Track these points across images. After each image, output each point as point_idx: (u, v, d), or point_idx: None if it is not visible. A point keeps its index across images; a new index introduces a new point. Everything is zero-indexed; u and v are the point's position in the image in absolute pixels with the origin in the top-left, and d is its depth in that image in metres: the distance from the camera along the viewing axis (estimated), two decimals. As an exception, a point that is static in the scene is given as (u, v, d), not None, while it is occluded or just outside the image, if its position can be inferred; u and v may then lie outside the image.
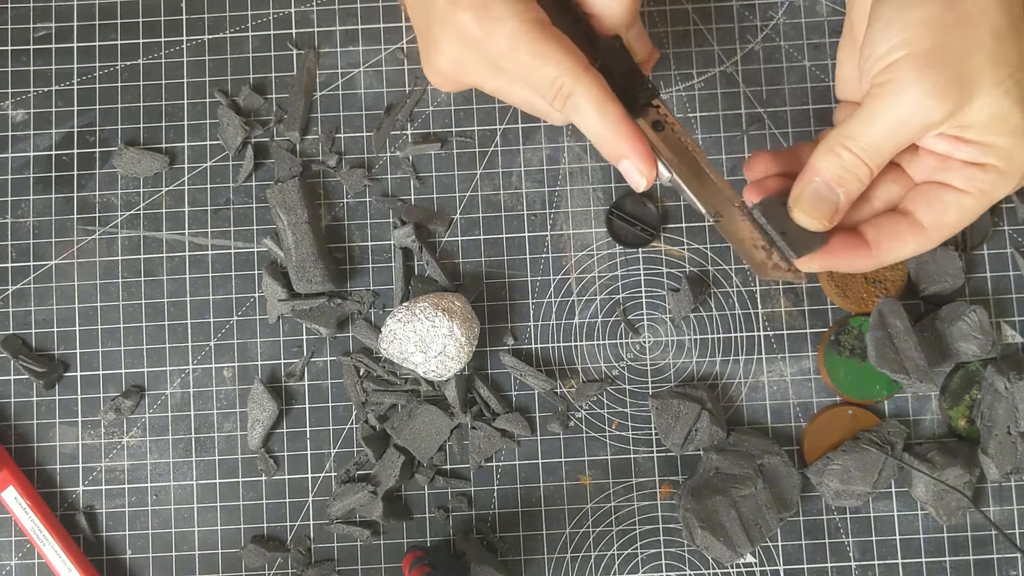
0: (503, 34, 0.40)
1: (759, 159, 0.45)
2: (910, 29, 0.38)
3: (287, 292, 0.55)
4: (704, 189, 0.43)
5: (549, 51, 0.40)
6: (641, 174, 0.42)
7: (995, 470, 0.53)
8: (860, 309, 0.55)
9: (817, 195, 0.42)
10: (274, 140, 0.57)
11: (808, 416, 0.56)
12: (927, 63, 0.38)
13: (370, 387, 0.55)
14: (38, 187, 0.57)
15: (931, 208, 0.42)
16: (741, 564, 0.55)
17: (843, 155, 0.41)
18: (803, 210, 0.42)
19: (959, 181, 0.41)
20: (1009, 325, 0.56)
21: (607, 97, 0.41)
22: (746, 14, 0.58)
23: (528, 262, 0.57)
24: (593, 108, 0.41)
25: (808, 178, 0.42)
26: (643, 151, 0.41)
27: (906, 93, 0.38)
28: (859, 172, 0.41)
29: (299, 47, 0.58)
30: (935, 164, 0.42)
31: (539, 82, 0.41)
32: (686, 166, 0.43)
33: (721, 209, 0.43)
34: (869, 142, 0.40)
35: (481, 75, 0.43)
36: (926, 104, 0.38)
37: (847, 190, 0.41)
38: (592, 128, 0.41)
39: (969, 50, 0.38)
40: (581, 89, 0.40)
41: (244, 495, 0.55)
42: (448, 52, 0.43)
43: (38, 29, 0.58)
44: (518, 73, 0.41)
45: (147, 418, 0.56)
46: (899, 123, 0.39)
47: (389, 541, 0.55)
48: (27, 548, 0.55)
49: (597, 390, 0.56)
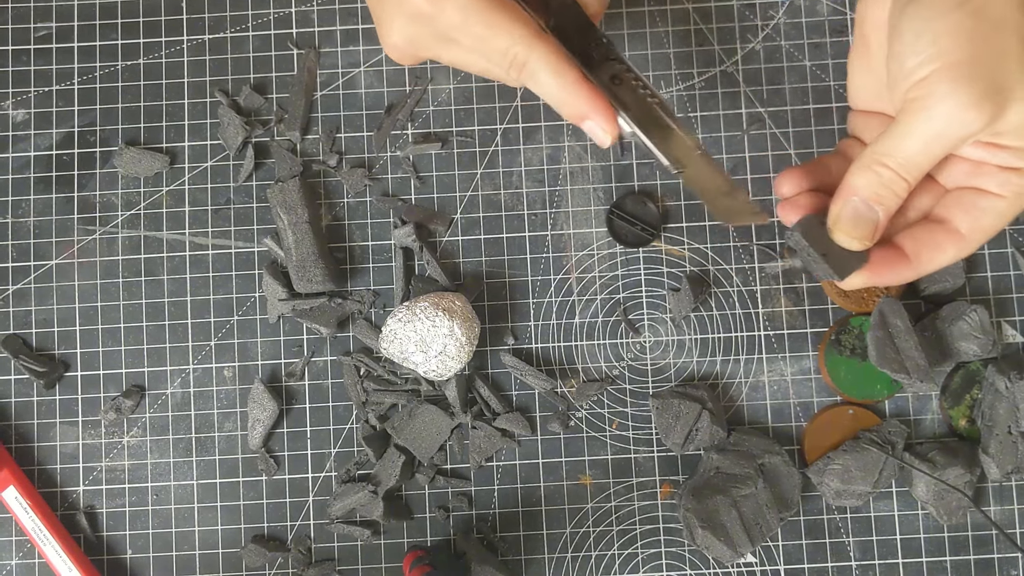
0: (453, 7, 0.40)
1: (787, 177, 0.45)
2: (940, 41, 0.38)
3: (287, 292, 0.55)
4: (665, 141, 0.43)
5: (500, 21, 0.40)
6: (605, 132, 0.42)
7: (996, 470, 0.53)
8: (861, 309, 0.55)
9: (857, 214, 0.41)
10: (275, 140, 0.57)
11: (809, 416, 0.56)
12: (961, 75, 0.37)
13: (370, 387, 0.55)
14: (39, 187, 0.57)
15: (967, 214, 0.42)
16: (742, 564, 0.55)
17: (881, 172, 0.40)
18: (843, 230, 0.41)
19: (994, 186, 0.41)
20: (1010, 325, 0.56)
21: (562, 61, 0.41)
22: (747, 13, 0.58)
23: (528, 262, 0.57)
24: (549, 73, 0.41)
25: (845, 197, 0.41)
26: (603, 109, 0.42)
27: (942, 106, 0.38)
28: (897, 188, 0.40)
29: (300, 47, 0.58)
30: (968, 170, 0.42)
31: (492, 53, 0.41)
32: (646, 118, 0.43)
33: (684, 159, 0.43)
34: (906, 157, 0.39)
35: (436, 49, 0.43)
36: (964, 116, 0.38)
37: (886, 207, 0.41)
38: (550, 93, 0.42)
39: (1000, 58, 0.37)
40: (535, 56, 0.41)
41: (245, 495, 0.55)
42: (401, 29, 0.43)
43: (39, 29, 0.58)
44: (471, 45, 0.42)
45: (147, 418, 0.56)
46: (936, 137, 0.38)
47: (389, 541, 0.55)
48: (28, 548, 0.55)
49: (597, 390, 0.56)
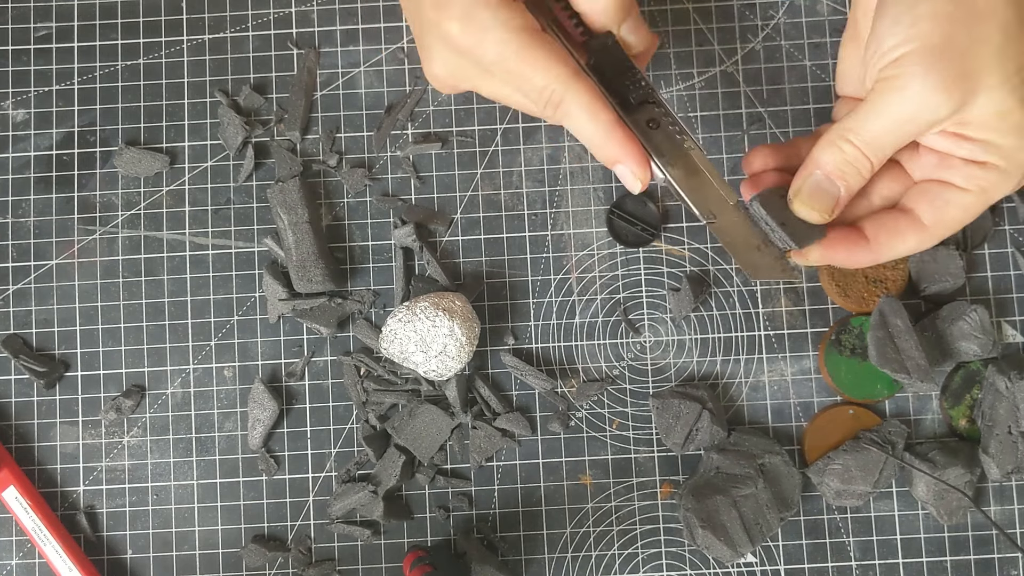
0: (490, 43, 0.40)
1: (757, 153, 0.45)
2: (919, 24, 0.38)
3: (288, 292, 0.55)
4: (698, 189, 0.43)
5: (537, 59, 0.40)
6: (636, 177, 0.42)
7: (996, 470, 0.53)
8: (861, 309, 0.55)
9: (818, 187, 0.41)
10: (275, 140, 0.57)
11: (809, 416, 0.56)
12: (935, 57, 0.37)
13: (371, 387, 0.55)
14: (39, 187, 0.57)
15: (932, 206, 0.42)
16: (742, 564, 0.55)
17: (845, 148, 0.40)
18: (803, 202, 0.42)
19: (959, 179, 0.41)
20: (1010, 324, 0.56)
21: (598, 103, 0.41)
22: (747, 13, 0.58)
23: (529, 262, 0.57)
24: (584, 114, 0.41)
25: (809, 170, 0.42)
26: (636, 154, 0.41)
27: (912, 88, 0.38)
28: (860, 166, 0.41)
29: (300, 47, 0.58)
30: (935, 162, 0.42)
31: (528, 90, 0.41)
32: (680, 166, 0.43)
33: (716, 209, 0.43)
34: (872, 136, 0.40)
35: (475, 81, 0.43)
36: (932, 99, 0.38)
37: (848, 184, 0.41)
38: (584, 134, 0.42)
39: (977, 45, 0.38)
40: (571, 96, 0.40)
41: (245, 495, 0.55)
42: (441, 59, 0.43)
43: (39, 29, 0.58)
44: (508, 80, 0.41)
45: (148, 418, 0.56)
46: (904, 118, 0.39)
47: (390, 541, 0.55)
48: (28, 548, 0.55)
49: (598, 390, 0.56)
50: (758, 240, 0.43)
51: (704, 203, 0.43)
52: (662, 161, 0.43)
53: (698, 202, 0.43)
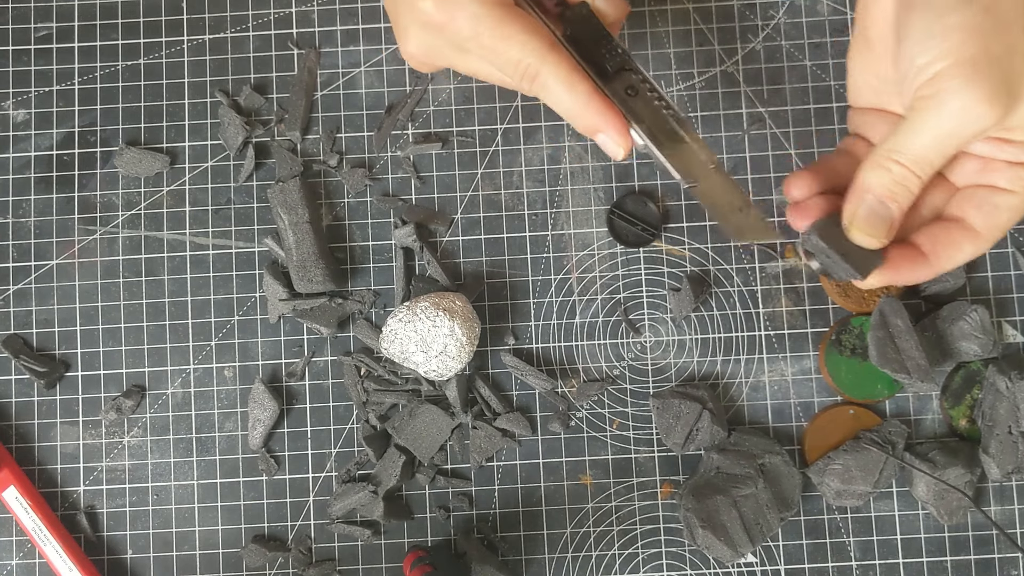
0: (464, 18, 0.40)
1: (798, 179, 0.44)
2: (951, 37, 0.37)
3: (288, 292, 0.55)
4: (679, 154, 0.43)
5: (512, 32, 0.40)
6: (617, 144, 0.42)
7: (996, 470, 0.53)
8: (861, 309, 0.55)
9: (872, 212, 0.41)
10: (275, 140, 0.57)
11: (809, 416, 0.56)
12: (973, 70, 0.37)
13: (371, 387, 0.55)
14: (39, 187, 0.57)
15: (981, 211, 0.42)
16: (742, 564, 0.55)
17: (893, 168, 0.40)
18: (860, 228, 0.41)
19: (1004, 181, 0.41)
20: (1010, 324, 0.56)
21: (574, 73, 0.41)
22: (747, 13, 0.58)
23: (529, 262, 0.57)
24: (561, 86, 0.41)
25: (860, 196, 0.41)
26: (616, 122, 0.41)
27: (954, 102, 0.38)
28: (910, 184, 0.40)
29: (300, 47, 0.58)
30: (978, 167, 0.42)
31: (504, 64, 0.41)
32: (660, 132, 0.43)
33: (696, 173, 0.43)
34: (918, 154, 0.39)
35: (451, 58, 0.43)
36: (977, 111, 0.37)
37: (899, 204, 0.41)
38: (563, 105, 0.42)
39: (1010, 54, 0.37)
40: (547, 68, 0.41)
41: (245, 495, 0.55)
42: (416, 38, 0.43)
43: (39, 29, 0.58)
44: (484, 55, 0.41)
45: (148, 418, 0.56)
46: (949, 133, 0.38)
47: (390, 541, 0.55)
48: (28, 548, 0.55)
49: (598, 390, 0.56)
50: (740, 202, 0.43)
51: (685, 167, 0.43)
52: (642, 128, 0.43)
53: (679, 167, 0.43)
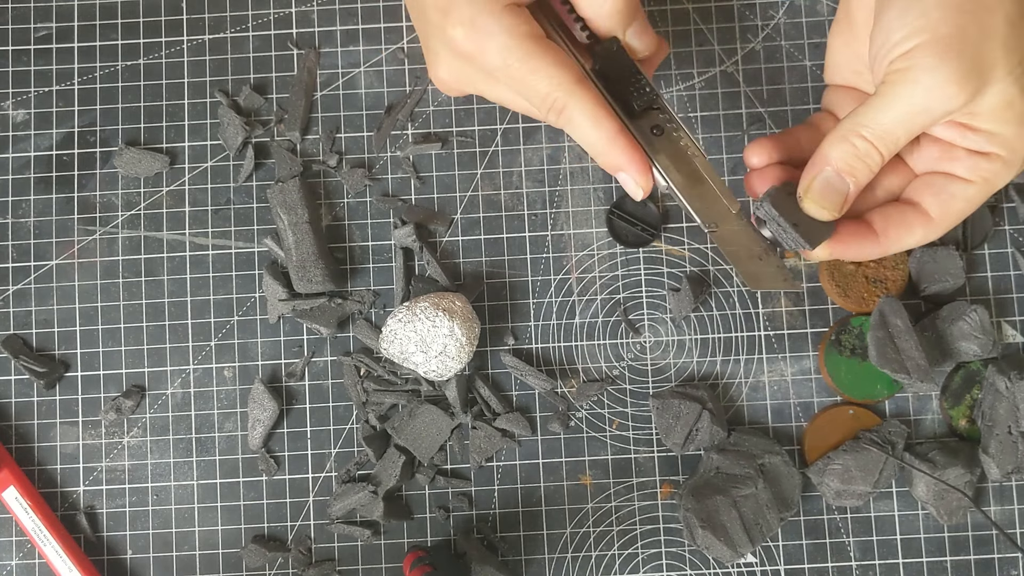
0: (494, 49, 0.40)
1: (759, 146, 0.45)
2: (928, 14, 0.38)
3: (288, 292, 0.55)
4: (701, 197, 0.43)
5: (541, 66, 0.40)
6: (638, 185, 0.42)
7: (996, 470, 0.53)
8: (861, 309, 0.55)
9: (828, 185, 0.41)
10: (275, 140, 0.57)
11: (809, 416, 0.56)
12: (947, 48, 0.37)
13: (371, 387, 0.55)
14: (39, 187, 0.57)
15: (937, 198, 0.42)
16: (742, 564, 0.55)
17: (857, 143, 0.40)
18: (814, 200, 0.42)
19: (963, 170, 0.41)
20: (1010, 324, 0.56)
21: (601, 110, 0.41)
22: (747, 13, 0.58)
23: (529, 262, 0.57)
24: (588, 122, 0.41)
25: (819, 167, 0.41)
26: (639, 162, 0.41)
27: (925, 79, 0.38)
28: (871, 160, 0.40)
29: (300, 47, 0.58)
30: (938, 154, 0.42)
31: (532, 96, 0.41)
32: (684, 173, 0.43)
33: (717, 218, 0.43)
34: (884, 129, 0.39)
35: (480, 86, 0.43)
36: (946, 91, 0.38)
37: (857, 180, 0.41)
38: (587, 141, 0.42)
39: (985, 37, 0.38)
40: (574, 103, 0.40)
41: (245, 495, 0.55)
42: (446, 64, 0.43)
43: (39, 29, 0.58)
44: (512, 86, 0.41)
45: (148, 418, 0.56)
46: (916, 110, 0.39)
47: (390, 541, 0.55)
48: (28, 548, 0.55)
49: (598, 390, 0.56)
50: (760, 249, 0.43)
51: (706, 212, 0.43)
52: (664, 169, 0.43)
53: (700, 211, 0.43)
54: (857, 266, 0.55)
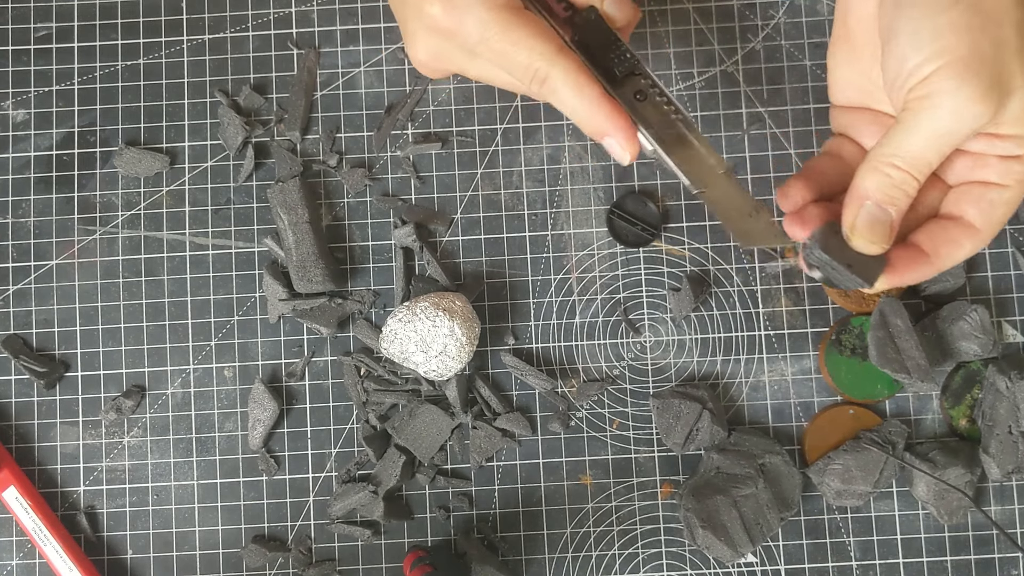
0: (472, 23, 0.40)
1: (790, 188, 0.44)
2: (942, 38, 0.38)
3: (288, 292, 0.55)
4: (688, 160, 0.43)
5: (521, 37, 0.40)
6: (624, 149, 0.42)
7: (996, 469, 0.52)
8: (861, 308, 0.55)
9: (872, 219, 0.41)
10: (275, 140, 0.57)
11: (809, 416, 0.56)
12: (966, 70, 0.37)
13: (371, 387, 0.55)
14: (39, 187, 0.57)
15: (977, 207, 0.42)
16: (742, 564, 0.55)
17: (891, 173, 0.40)
18: (862, 236, 0.41)
19: (996, 176, 0.41)
20: (1010, 324, 0.56)
21: (583, 77, 0.41)
22: (747, 13, 0.58)
23: (529, 262, 0.57)
24: (570, 90, 0.41)
25: (858, 202, 0.41)
26: (624, 127, 0.41)
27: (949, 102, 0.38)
28: (908, 187, 0.40)
29: (300, 47, 0.58)
30: (970, 164, 0.42)
31: (514, 68, 0.41)
32: (668, 137, 0.43)
33: (705, 178, 0.42)
34: (915, 156, 0.39)
35: (460, 63, 0.43)
36: (972, 110, 0.38)
37: (898, 207, 0.41)
38: (571, 109, 0.42)
39: (999, 50, 0.38)
40: (556, 72, 0.40)
41: (245, 495, 0.55)
42: (424, 43, 0.43)
43: (39, 29, 0.58)
44: (493, 60, 0.41)
45: (148, 418, 0.56)
46: (943, 133, 0.39)
47: (390, 541, 0.55)
48: (28, 548, 0.55)
49: (598, 390, 0.56)
50: (750, 207, 0.43)
51: (694, 173, 0.42)
52: (650, 132, 0.42)
53: (689, 172, 0.42)
54: (857, 266, 0.55)
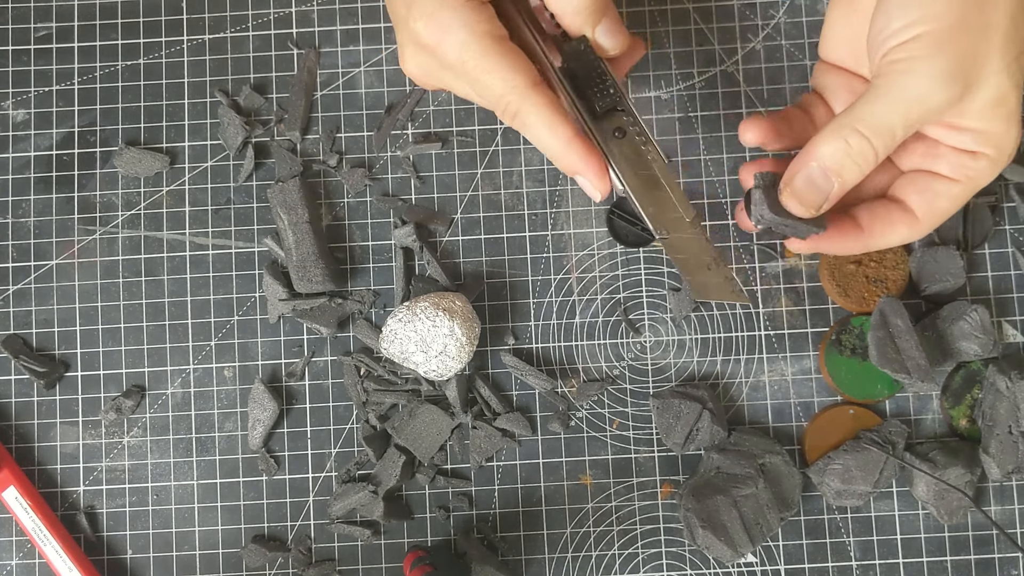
0: (452, 44, 0.40)
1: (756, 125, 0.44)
2: (933, 4, 0.37)
3: (288, 292, 0.55)
4: (655, 203, 0.43)
5: (496, 67, 0.40)
6: (595, 188, 0.42)
7: (996, 469, 0.52)
8: (861, 308, 0.55)
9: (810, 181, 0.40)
10: (275, 140, 0.57)
11: (809, 415, 0.56)
12: (947, 39, 0.37)
13: (371, 387, 0.55)
14: (39, 187, 0.57)
15: (922, 196, 0.42)
16: (742, 564, 0.55)
17: (850, 140, 0.39)
18: (791, 195, 0.41)
19: (947, 169, 0.41)
20: (1010, 324, 0.56)
21: (556, 116, 0.41)
22: (747, 13, 0.58)
23: (529, 261, 0.57)
24: (543, 126, 0.41)
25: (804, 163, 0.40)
26: (595, 166, 0.41)
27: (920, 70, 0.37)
28: (862, 159, 0.39)
29: (300, 46, 0.58)
30: (923, 151, 0.42)
31: (487, 96, 0.41)
32: (640, 178, 0.43)
33: (670, 225, 0.43)
34: (880, 122, 0.38)
35: (445, 79, 0.43)
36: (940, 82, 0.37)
37: (843, 179, 0.40)
38: (543, 145, 0.41)
39: (986, 29, 0.37)
40: (527, 107, 0.40)
41: (245, 495, 0.55)
42: (412, 58, 0.43)
43: (39, 29, 0.58)
44: (468, 84, 0.41)
45: (148, 418, 0.56)
46: (913, 100, 0.38)
47: (390, 541, 0.55)
48: (28, 548, 0.55)
49: (598, 390, 0.56)
50: (709, 259, 0.43)
51: (660, 218, 0.42)
52: (622, 172, 0.43)
53: (653, 216, 0.43)
54: (857, 266, 0.55)
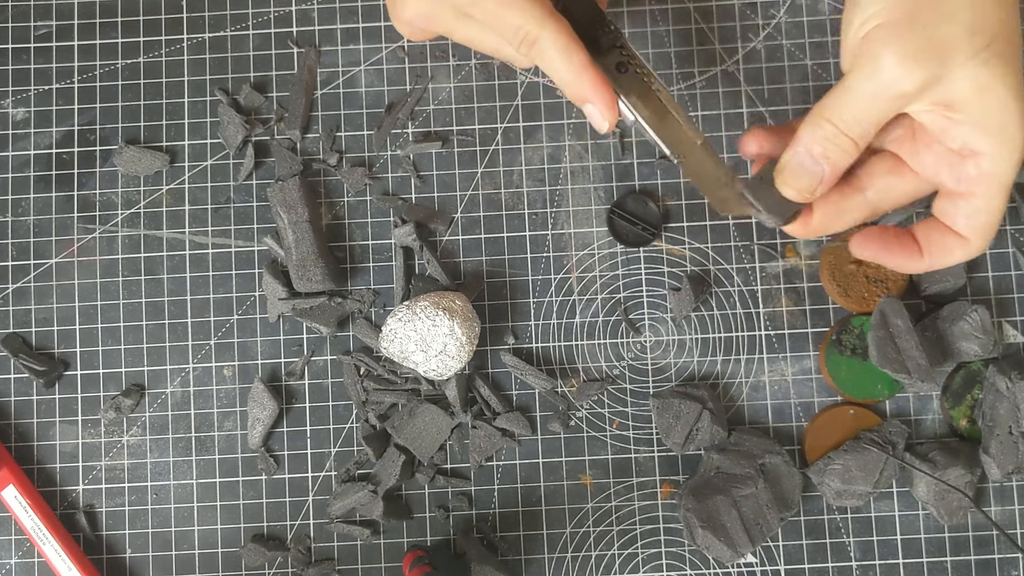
0: None
1: (753, 136, 0.46)
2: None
3: (287, 291, 0.55)
4: (667, 129, 0.44)
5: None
6: (604, 117, 0.43)
7: (996, 470, 0.52)
8: (862, 308, 0.55)
9: (800, 166, 0.42)
10: (275, 138, 0.57)
11: (809, 416, 0.56)
12: (899, 30, 0.38)
13: (370, 386, 0.55)
14: (39, 185, 0.57)
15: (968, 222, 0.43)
16: (742, 564, 0.55)
17: (824, 127, 0.41)
18: (785, 180, 0.43)
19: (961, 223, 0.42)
20: (1011, 325, 0.56)
21: (571, 42, 0.42)
22: (748, 12, 0.58)
23: (529, 261, 0.57)
24: (558, 53, 0.42)
25: (793, 148, 0.43)
26: (606, 95, 0.43)
27: (877, 62, 0.39)
28: (841, 144, 0.41)
29: (300, 45, 0.58)
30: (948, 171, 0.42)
31: (504, 29, 0.42)
32: (649, 107, 0.44)
33: (684, 149, 0.44)
34: (849, 115, 0.41)
35: (450, 23, 0.44)
36: (897, 71, 0.39)
37: (832, 161, 0.42)
38: (557, 73, 0.42)
39: (945, 21, 0.38)
40: (545, 34, 0.41)
41: (244, 494, 0.55)
42: (414, 4, 0.43)
43: (39, 27, 0.58)
44: (484, 20, 0.42)
45: (147, 417, 0.56)
46: (874, 94, 0.40)
47: (389, 540, 0.55)
48: (27, 547, 0.55)
49: (598, 389, 0.55)
50: (726, 177, 0.45)
51: (674, 144, 0.44)
52: (632, 104, 0.44)
53: (668, 142, 0.44)
54: (858, 266, 0.55)
